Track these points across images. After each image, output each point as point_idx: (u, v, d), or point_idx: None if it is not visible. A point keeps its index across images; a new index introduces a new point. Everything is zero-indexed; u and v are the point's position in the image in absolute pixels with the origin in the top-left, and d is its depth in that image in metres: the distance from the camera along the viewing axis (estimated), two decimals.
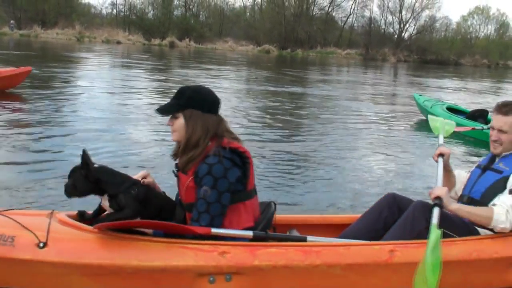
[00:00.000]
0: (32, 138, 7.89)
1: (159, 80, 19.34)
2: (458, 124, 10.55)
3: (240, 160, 2.95)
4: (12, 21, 58.09)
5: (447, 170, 3.64)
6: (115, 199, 3.01)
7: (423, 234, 3.12)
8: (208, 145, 2.94)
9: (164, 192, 3.29)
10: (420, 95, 13.65)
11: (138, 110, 11.22)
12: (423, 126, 11.31)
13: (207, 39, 61.95)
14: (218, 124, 2.99)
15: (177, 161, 3.07)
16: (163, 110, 2.99)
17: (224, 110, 10.07)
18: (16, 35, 52.02)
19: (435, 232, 2.95)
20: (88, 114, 10.17)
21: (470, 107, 13.06)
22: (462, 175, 3.74)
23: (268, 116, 11.98)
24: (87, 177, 2.97)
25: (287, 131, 10.25)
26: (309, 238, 3.13)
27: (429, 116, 4.56)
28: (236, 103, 13.97)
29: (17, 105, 11.13)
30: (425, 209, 3.22)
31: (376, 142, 9.63)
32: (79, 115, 10.15)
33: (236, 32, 65.04)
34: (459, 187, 3.70)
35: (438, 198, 3.17)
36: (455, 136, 9.65)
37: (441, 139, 3.96)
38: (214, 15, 70.12)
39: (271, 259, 2.92)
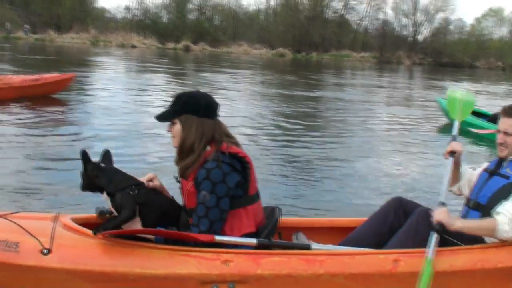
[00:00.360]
0: (66, 139, 8.18)
1: (183, 84, 19.44)
2: (480, 127, 10.52)
3: (240, 165, 2.94)
4: (26, 26, 58.64)
5: (457, 167, 3.59)
6: (114, 198, 3.04)
7: (427, 241, 3.08)
8: (207, 150, 2.94)
9: (172, 197, 3.28)
10: (443, 98, 13.46)
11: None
12: (446, 129, 11.23)
13: (222, 43, 62.10)
14: (214, 128, 2.98)
15: (178, 167, 3.07)
16: (161, 117, 3.03)
17: (238, 112, 10.13)
18: (31, 39, 52.47)
19: (428, 268, 2.90)
20: (116, 117, 10.35)
21: (491, 110, 12.95)
22: (467, 171, 3.68)
23: (282, 119, 12.01)
24: (86, 174, 3.05)
25: (300, 133, 10.27)
26: (314, 245, 3.11)
27: (448, 91, 4.33)
28: (252, 105, 14.07)
29: (58, 109, 11.29)
30: (428, 216, 3.20)
31: (393, 145, 9.63)
32: (110, 118, 10.33)
33: (250, 35, 65.06)
34: (463, 183, 3.65)
35: (438, 223, 3.13)
36: (477, 137, 9.62)
37: (455, 128, 3.82)
38: (228, 19, 70.22)
39: (275, 268, 2.90)
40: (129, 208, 3.00)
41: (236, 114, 12.21)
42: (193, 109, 2.95)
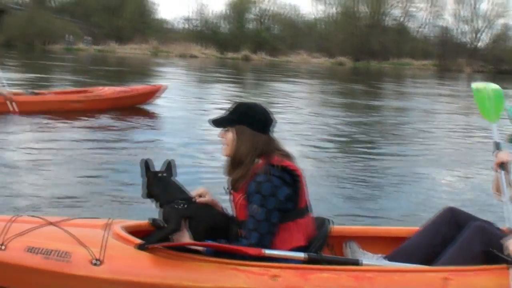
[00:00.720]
0: (144, 147, 8.42)
1: (245, 93, 19.61)
2: None
3: (291, 178, 2.92)
4: (87, 37, 60.38)
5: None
6: (163, 210, 3.11)
7: (479, 258, 2.97)
8: (258, 163, 2.94)
9: (224, 209, 3.28)
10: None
11: None
12: None
13: (280, 52, 62.23)
14: (267, 144, 2.99)
15: (228, 178, 3.08)
16: (216, 122, 3.05)
17: (300, 120, 10.10)
18: (92, 50, 53.92)
19: None
20: (185, 126, 10.59)
21: None
22: None
23: (342, 127, 11.93)
24: (145, 182, 3.16)
25: (359, 141, 10.18)
26: (364, 261, 3.04)
27: (472, 86, 3.94)
28: (313, 113, 14.10)
29: (144, 119, 11.57)
30: (481, 232, 3.06)
31: (455, 155, 9.37)
32: (180, 128, 10.54)
33: (308, 44, 64.89)
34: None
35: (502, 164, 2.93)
36: None
37: (495, 133, 3.50)
38: (286, 28, 70.30)
39: (323, 284, 2.84)
40: (173, 222, 3.03)
41: (298, 121, 12.27)
42: (249, 121, 2.96)
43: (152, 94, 12.60)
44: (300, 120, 12.68)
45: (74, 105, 11.14)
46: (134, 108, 12.23)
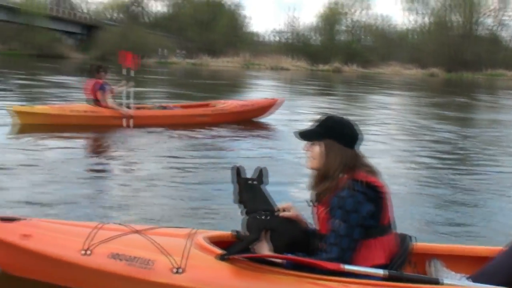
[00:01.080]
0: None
1: (339, 106, 19.46)
2: None
3: (375, 195, 2.86)
4: (180, 51, 62.13)
5: None
6: (246, 218, 3.14)
7: None
8: (342, 177, 2.90)
9: (308, 223, 3.26)
10: None
11: None
12: None
13: (372, 63, 61.59)
14: (353, 159, 2.95)
15: (312, 191, 3.05)
16: (303, 135, 3.04)
17: (393, 132, 9.85)
18: (185, 63, 55.38)
19: None
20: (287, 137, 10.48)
21: None
22: None
23: (434, 140, 11.57)
24: (238, 189, 3.20)
25: (449, 155, 9.82)
26: (445, 280, 2.90)
27: None
28: (407, 126, 13.84)
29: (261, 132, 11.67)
30: None
31: None
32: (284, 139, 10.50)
33: (400, 55, 63.76)
34: None
35: None
36: None
37: None
38: (378, 39, 69.49)
39: None
40: (254, 232, 3.05)
41: (393, 133, 12.08)
42: (337, 135, 2.95)
43: (270, 107, 12.68)
44: (395, 132, 12.44)
45: (200, 119, 11.32)
46: (251, 121, 12.34)
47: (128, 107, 10.68)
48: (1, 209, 4.94)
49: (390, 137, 11.51)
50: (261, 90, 26.12)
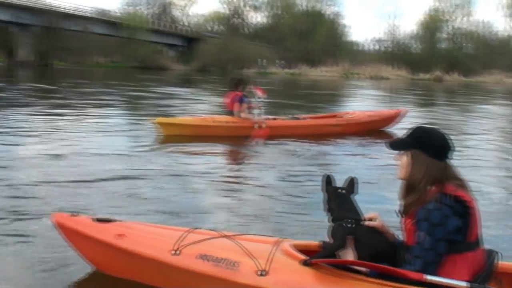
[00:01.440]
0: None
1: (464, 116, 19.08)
2: None
3: (463, 209, 2.79)
4: (280, 61, 62.68)
5: None
6: (332, 226, 3.17)
7: None
8: (431, 189, 2.85)
9: (396, 236, 3.23)
10: None
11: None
12: None
13: (473, 72, 59.51)
14: (442, 171, 2.88)
15: (401, 202, 3.02)
16: (393, 144, 3.03)
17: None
18: (283, 73, 55.70)
19: None
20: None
21: None
22: None
23: None
24: (327, 198, 3.26)
25: None
26: None
27: None
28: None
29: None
30: None
31: None
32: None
33: (503, 63, 61.03)
34: None
35: None
36: None
37: None
38: (479, 46, 67.04)
39: None
40: (338, 239, 3.07)
41: (493, 147, 11.63)
42: (425, 146, 2.90)
43: (395, 118, 12.69)
44: (497, 146, 11.88)
45: (331, 129, 11.46)
46: (379, 132, 12.30)
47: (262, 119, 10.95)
48: (137, 216, 5.08)
49: (491, 151, 11.05)
50: (366, 100, 25.89)
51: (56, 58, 61.26)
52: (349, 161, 9.09)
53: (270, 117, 11.15)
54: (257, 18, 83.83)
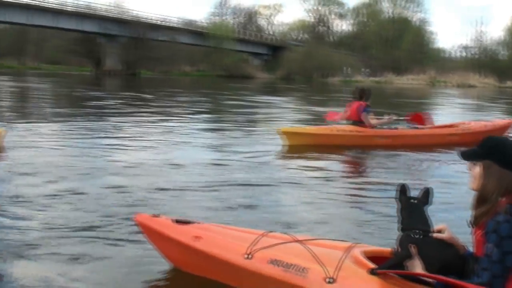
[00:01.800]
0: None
1: None
2: None
3: None
4: (365, 69, 61.97)
5: None
6: (401, 235, 3.17)
7: None
8: (501, 200, 2.82)
9: (465, 247, 3.20)
10: None
11: None
12: None
13: None
14: None
15: (472, 213, 3.00)
16: (464, 154, 3.00)
17: None
18: (369, 82, 55.01)
19: None
20: None
21: None
22: None
23: None
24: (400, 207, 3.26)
25: None
26: None
27: None
28: None
29: None
30: None
31: None
32: None
33: None
34: None
35: None
36: None
37: None
38: None
39: None
40: (404, 249, 3.07)
41: None
42: (497, 157, 2.86)
43: (507, 128, 12.65)
44: None
45: (450, 138, 11.46)
46: None
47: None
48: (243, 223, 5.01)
49: None
50: (459, 108, 25.15)
51: (143, 67, 63.12)
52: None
53: (392, 126, 11.34)
54: (342, 26, 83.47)
